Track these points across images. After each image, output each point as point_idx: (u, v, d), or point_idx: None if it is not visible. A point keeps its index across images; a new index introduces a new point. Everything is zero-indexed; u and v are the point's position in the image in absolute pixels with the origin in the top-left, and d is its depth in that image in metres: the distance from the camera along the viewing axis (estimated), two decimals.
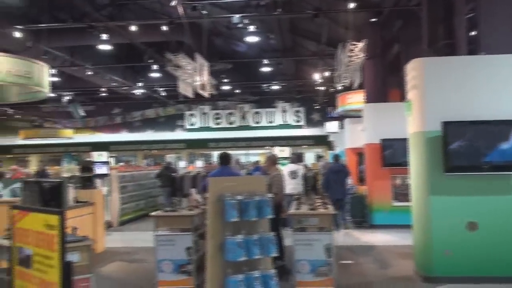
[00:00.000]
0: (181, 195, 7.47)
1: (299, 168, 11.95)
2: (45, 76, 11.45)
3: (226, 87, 23.03)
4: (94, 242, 7.28)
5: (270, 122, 27.43)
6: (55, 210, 2.81)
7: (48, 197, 5.21)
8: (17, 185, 8.67)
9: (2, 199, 8.14)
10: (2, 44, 13.73)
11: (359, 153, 14.38)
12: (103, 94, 23.71)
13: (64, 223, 2.68)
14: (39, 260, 2.89)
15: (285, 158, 14.83)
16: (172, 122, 28.58)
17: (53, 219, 2.70)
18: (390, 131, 11.16)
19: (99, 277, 7.32)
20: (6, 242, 5.04)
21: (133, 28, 13.56)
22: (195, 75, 10.67)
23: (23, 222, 3.05)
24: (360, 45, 9.72)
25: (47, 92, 11.84)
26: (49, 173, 15.85)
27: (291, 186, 10.72)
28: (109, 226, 12.40)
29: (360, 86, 11.77)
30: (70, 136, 27.05)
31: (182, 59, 10.18)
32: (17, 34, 13.72)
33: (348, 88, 13.14)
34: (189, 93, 11.34)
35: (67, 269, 2.66)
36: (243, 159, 25.62)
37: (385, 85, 13.27)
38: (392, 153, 11.29)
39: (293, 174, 11.38)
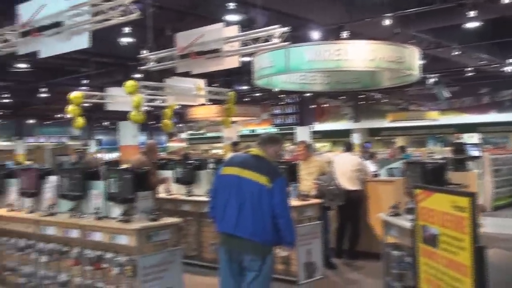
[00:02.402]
0: None
1: None
2: (415, 59, 11.68)
3: None
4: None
5: None
6: (466, 192, 2.76)
7: (429, 177, 5.26)
8: (394, 165, 9.05)
9: (383, 178, 8.61)
10: (371, 33, 14.57)
11: None
12: (469, 74, 22.80)
13: (475, 206, 2.61)
14: (446, 240, 2.89)
15: None
16: None
17: (463, 201, 2.65)
18: None
19: None
20: (391, 220, 5.31)
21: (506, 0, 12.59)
22: None
23: (427, 202, 3.11)
24: None
25: (417, 75, 12.07)
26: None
27: None
28: (481, 210, 11.92)
29: None
30: (435, 118, 27.03)
31: None
32: (386, 22, 14.30)
33: None
34: None
35: (479, 254, 2.58)
36: None
37: None
38: None
39: None
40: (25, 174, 6.52)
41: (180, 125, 35.12)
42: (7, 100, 28.39)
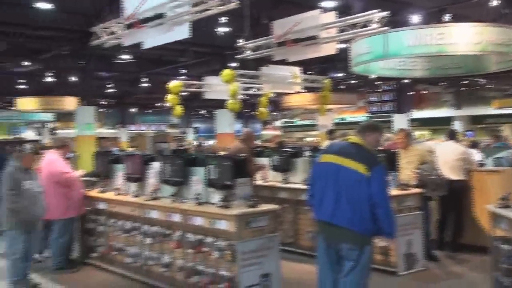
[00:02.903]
0: None
1: None
2: None
3: None
4: None
5: None
6: None
7: None
8: (502, 154, 8.54)
9: (490, 168, 8.15)
10: (476, 15, 13.78)
11: None
12: None
13: None
14: None
15: None
16: None
17: None
18: None
19: None
20: (501, 212, 5.00)
21: None
22: None
23: None
24: None
25: None
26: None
27: None
28: None
29: None
30: None
31: None
32: (493, 2, 13.49)
33: None
34: None
35: None
36: None
37: None
38: None
39: None
40: (130, 160, 6.84)
41: (275, 113, 35.33)
42: (112, 90, 29.99)
